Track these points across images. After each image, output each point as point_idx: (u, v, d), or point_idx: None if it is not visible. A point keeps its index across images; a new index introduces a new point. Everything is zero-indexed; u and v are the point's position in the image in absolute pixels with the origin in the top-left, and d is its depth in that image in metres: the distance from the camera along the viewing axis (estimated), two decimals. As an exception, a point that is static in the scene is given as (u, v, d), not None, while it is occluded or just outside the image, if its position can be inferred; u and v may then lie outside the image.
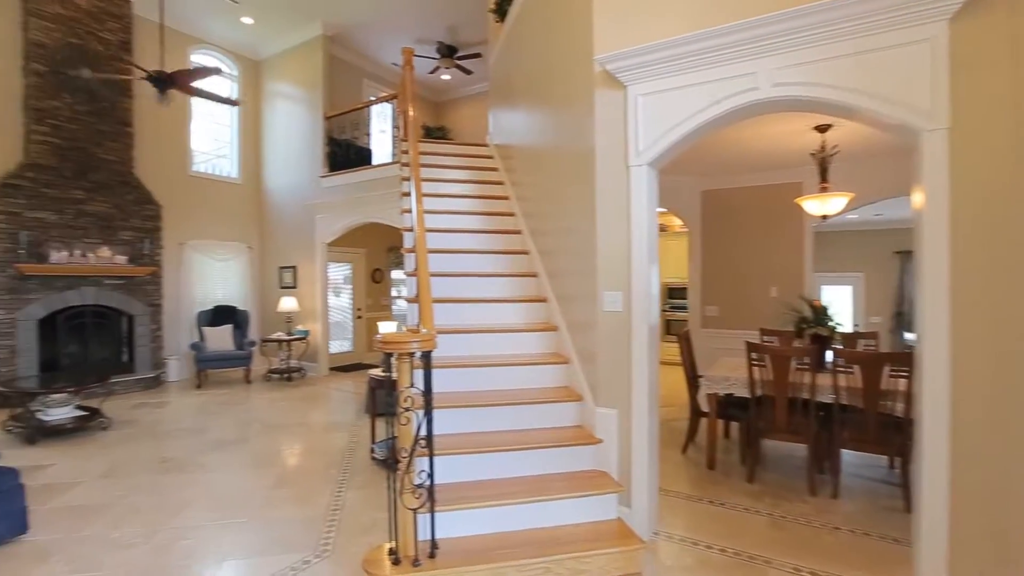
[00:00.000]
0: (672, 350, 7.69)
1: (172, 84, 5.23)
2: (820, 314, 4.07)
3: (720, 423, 4.32)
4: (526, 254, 4.31)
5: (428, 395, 2.26)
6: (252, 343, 7.53)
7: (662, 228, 8.80)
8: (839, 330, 4.11)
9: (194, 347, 7.08)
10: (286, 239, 8.40)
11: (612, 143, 2.93)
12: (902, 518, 3.09)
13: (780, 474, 3.83)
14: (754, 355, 3.65)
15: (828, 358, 4.03)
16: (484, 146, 6.15)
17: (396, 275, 9.92)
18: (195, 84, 5.51)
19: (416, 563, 2.24)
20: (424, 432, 2.25)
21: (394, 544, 2.30)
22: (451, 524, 2.46)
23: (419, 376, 2.27)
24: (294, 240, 8.26)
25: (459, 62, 8.79)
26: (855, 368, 3.44)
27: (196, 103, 7.80)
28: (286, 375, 7.45)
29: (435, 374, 2.37)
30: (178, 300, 7.54)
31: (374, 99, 7.46)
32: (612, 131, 2.93)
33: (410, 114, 4.41)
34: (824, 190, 4.54)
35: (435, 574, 2.23)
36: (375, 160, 8.19)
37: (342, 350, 9.00)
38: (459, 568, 2.26)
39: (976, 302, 2.15)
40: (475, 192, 5.06)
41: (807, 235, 6.24)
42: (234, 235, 8.39)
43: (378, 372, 4.30)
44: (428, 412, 2.25)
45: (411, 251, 3.61)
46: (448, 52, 8.67)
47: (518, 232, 4.54)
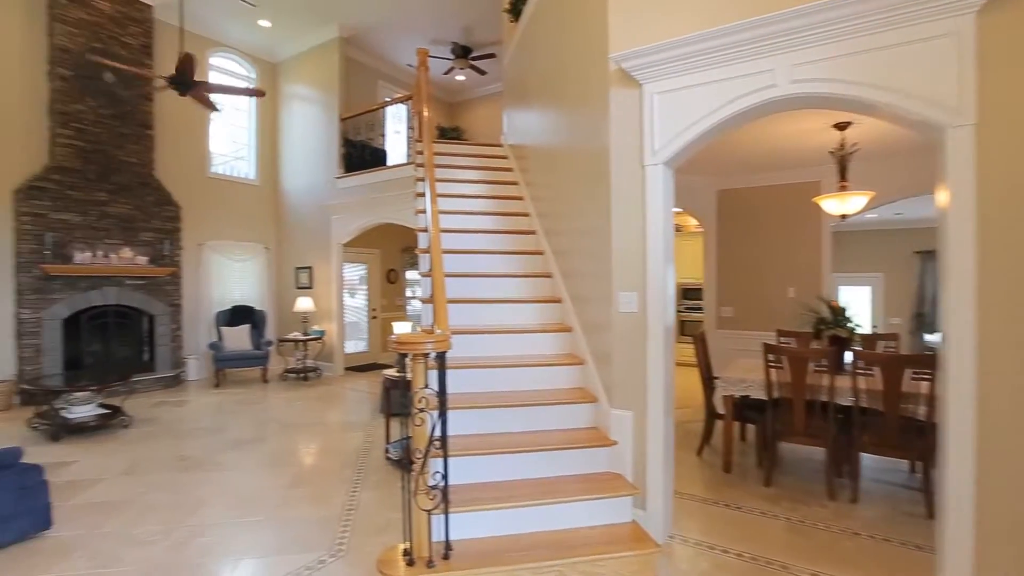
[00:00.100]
0: (686, 351, 7.62)
1: (191, 88, 5.31)
2: (839, 315, 4.01)
3: (736, 425, 4.26)
4: (540, 254, 4.30)
5: (442, 396, 2.26)
6: (269, 343, 7.62)
7: (676, 228, 8.73)
8: (858, 331, 4.04)
9: (212, 347, 7.19)
10: (302, 240, 8.49)
11: (627, 142, 2.91)
12: (924, 524, 3.02)
13: (797, 478, 3.77)
14: (771, 357, 3.60)
15: (847, 360, 3.97)
16: (498, 146, 6.15)
17: (411, 275, 9.97)
18: (214, 84, 5.59)
19: (430, 564, 2.24)
20: (438, 433, 2.25)
21: (408, 545, 2.31)
22: (465, 525, 2.46)
23: (433, 377, 2.27)
24: (310, 241, 8.34)
25: (473, 63, 8.81)
26: (875, 370, 3.37)
27: (219, 106, 7.90)
28: (302, 375, 7.52)
29: (449, 375, 2.38)
30: (197, 300, 7.66)
31: (389, 100, 7.49)
32: (627, 130, 2.91)
33: (425, 115, 4.43)
34: (843, 189, 4.46)
35: None
36: (390, 161, 8.23)
37: (357, 350, 9.06)
38: (473, 570, 2.26)
39: (1003, 303, 2.09)
40: (489, 192, 5.06)
41: (825, 235, 6.15)
42: (252, 236, 8.51)
43: (393, 372, 4.32)
44: (442, 413, 2.25)
45: (426, 251, 3.62)
46: (463, 53, 8.69)
47: (532, 232, 4.53)
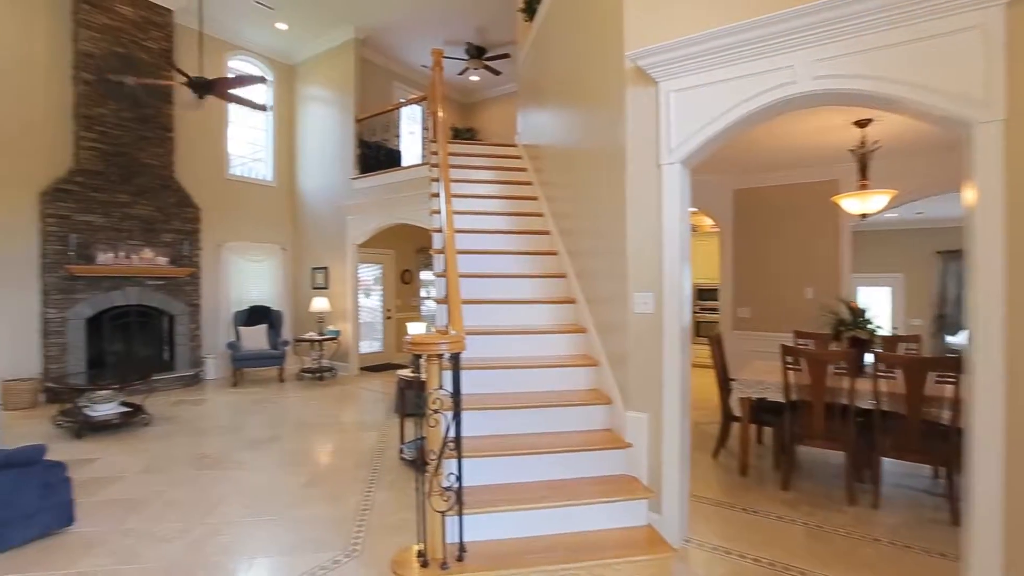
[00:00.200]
0: (702, 352, 7.55)
1: (210, 90, 5.39)
2: (858, 316, 3.93)
3: (752, 428, 4.20)
4: (555, 255, 4.29)
5: (457, 397, 2.26)
6: (285, 343, 7.71)
7: (692, 228, 8.64)
8: (878, 333, 3.96)
9: (230, 346, 7.28)
10: (318, 240, 8.57)
11: (643, 141, 2.88)
12: (948, 531, 2.95)
13: (816, 482, 3.70)
14: (789, 358, 3.55)
15: (867, 362, 3.90)
16: (512, 146, 6.14)
17: (425, 276, 10.01)
18: (232, 90, 5.67)
19: (444, 566, 2.24)
20: (452, 434, 2.25)
21: (422, 546, 2.31)
22: (479, 527, 2.46)
23: (448, 377, 2.27)
24: (326, 241, 8.42)
25: (488, 63, 8.82)
26: (897, 373, 3.30)
27: (233, 109, 8.04)
28: (318, 374, 7.59)
29: (463, 375, 2.37)
30: (215, 300, 7.77)
31: (404, 101, 7.53)
32: (643, 129, 2.89)
33: (439, 115, 4.44)
34: (864, 187, 4.37)
35: (463, 577, 2.23)
36: (404, 162, 8.27)
37: (372, 350, 9.12)
38: (487, 572, 2.25)
39: (1033, 305, 2.03)
40: (504, 192, 5.06)
41: (844, 234, 6.04)
42: (268, 237, 8.61)
43: (407, 373, 4.34)
44: (457, 414, 2.25)
45: (440, 252, 3.63)
46: (477, 53, 8.70)
47: (547, 233, 4.52)
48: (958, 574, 2.37)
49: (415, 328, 4.89)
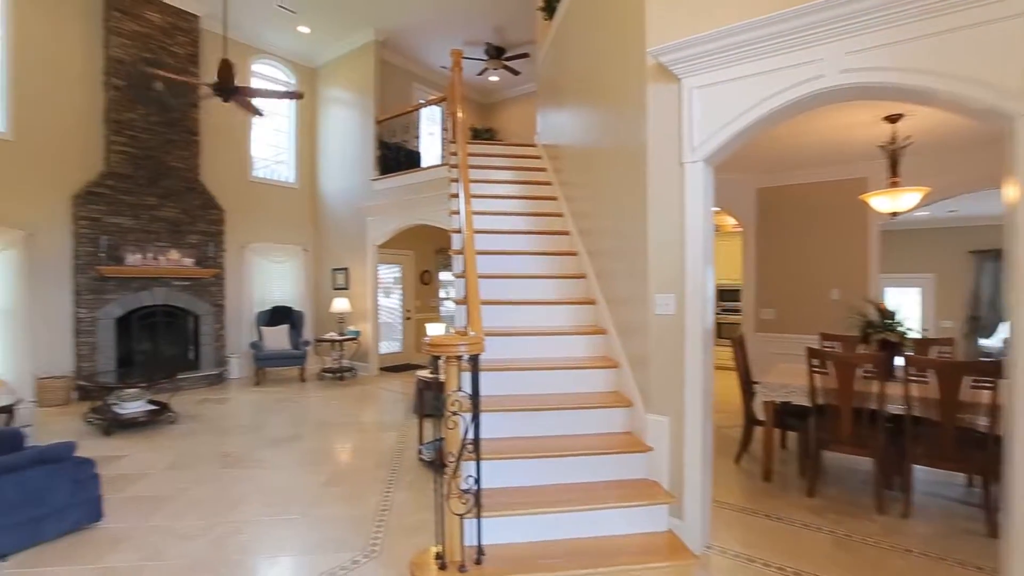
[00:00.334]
0: (722, 354, 7.42)
1: (236, 94, 5.47)
2: (888, 318, 3.81)
3: (776, 432, 4.11)
4: (574, 255, 4.25)
5: (475, 398, 2.25)
6: (307, 343, 7.81)
7: (714, 228, 8.51)
8: (909, 336, 3.83)
9: (253, 346, 7.41)
10: (339, 241, 8.66)
11: (665, 139, 2.84)
12: (983, 543, 2.84)
13: (843, 489, 3.60)
14: (815, 361, 3.46)
15: (897, 365, 3.77)
16: (532, 146, 6.12)
17: (444, 276, 10.04)
18: (255, 88, 5.75)
19: (462, 569, 2.23)
20: (471, 436, 2.23)
21: (440, 548, 2.31)
22: (498, 530, 2.44)
23: (466, 379, 2.26)
24: (346, 242, 8.50)
25: (507, 63, 8.81)
26: (930, 377, 3.18)
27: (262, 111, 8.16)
28: (338, 374, 7.67)
29: (482, 376, 2.36)
30: (239, 300, 7.91)
31: (423, 102, 7.56)
32: (665, 127, 2.84)
33: (458, 116, 4.44)
34: (894, 185, 4.23)
35: (481, 580, 2.22)
36: (424, 162, 8.32)
37: (391, 350, 9.18)
38: None
39: (1077, 309, 1.94)
40: (523, 193, 5.04)
41: (872, 234, 5.87)
42: (290, 238, 8.73)
43: (426, 373, 4.35)
44: (475, 416, 2.24)
45: (459, 253, 3.63)
46: (496, 53, 8.70)
47: (566, 233, 4.48)
48: (996, 588, 2.28)
49: (434, 329, 4.89)
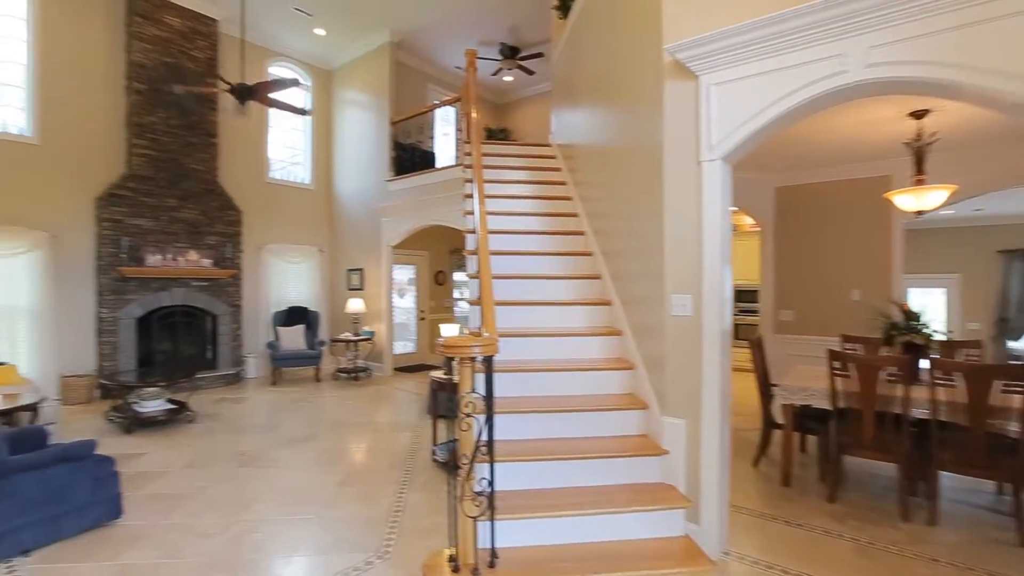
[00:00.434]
0: (740, 356, 7.30)
1: (252, 96, 5.54)
2: (912, 320, 3.71)
3: (795, 436, 4.03)
4: (589, 255, 4.22)
5: (489, 400, 2.23)
6: (322, 343, 7.86)
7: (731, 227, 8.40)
8: (935, 338, 3.72)
9: (270, 346, 7.48)
10: (354, 242, 8.71)
11: (682, 138, 2.79)
12: (1014, 552, 2.75)
13: (865, 495, 3.51)
14: (836, 364, 3.38)
15: (922, 368, 3.67)
16: (546, 146, 6.10)
17: (458, 277, 10.05)
18: (273, 95, 5.81)
19: (475, 572, 2.21)
20: (485, 438, 2.21)
21: (454, 551, 2.29)
22: (511, 533, 2.42)
23: (480, 380, 2.24)
24: (361, 243, 8.55)
25: (521, 63, 8.79)
26: (957, 380, 3.09)
27: (273, 114, 8.26)
28: (353, 374, 7.71)
29: (496, 378, 2.34)
30: (256, 301, 7.99)
31: (438, 103, 7.57)
32: (682, 125, 2.79)
33: (473, 116, 4.43)
34: (920, 183, 4.12)
35: (495, 583, 2.20)
36: (438, 163, 8.33)
37: (405, 351, 9.22)
38: (519, 579, 2.22)
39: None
40: (537, 193, 5.01)
41: (896, 233, 5.74)
42: (306, 239, 8.80)
43: (440, 374, 4.34)
44: (489, 418, 2.22)
45: (473, 253, 3.61)
46: (510, 53, 8.68)
47: (581, 233, 4.45)
48: (1028, 600, 2.19)
49: (448, 330, 4.89)
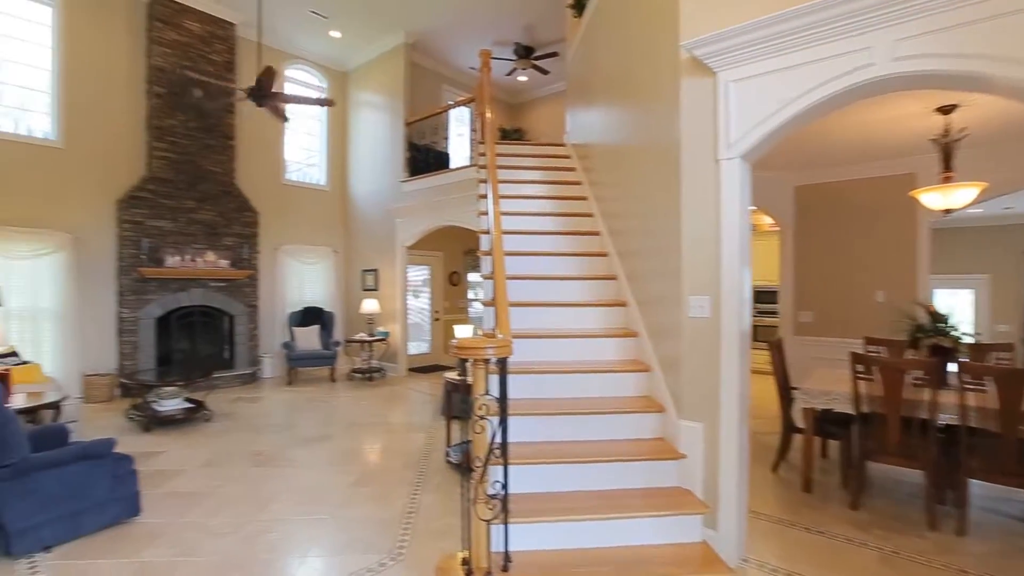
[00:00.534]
0: (759, 358, 7.18)
1: (269, 100, 5.60)
2: (940, 321, 3.60)
3: (816, 440, 3.93)
4: (604, 256, 4.17)
5: (503, 402, 2.20)
6: (337, 343, 7.90)
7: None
8: (964, 341, 3.60)
9: (285, 346, 7.54)
10: (368, 243, 8.75)
11: (699, 136, 2.74)
12: (1051, 564, 2.64)
13: (890, 502, 3.41)
14: (859, 367, 3.29)
15: (950, 372, 3.56)
16: (561, 146, 6.05)
17: (473, 278, 10.04)
18: (288, 94, 5.87)
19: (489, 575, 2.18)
20: (498, 440, 2.18)
21: (467, 554, 2.26)
22: (525, 536, 2.39)
23: (494, 382, 2.21)
24: (376, 244, 8.58)
25: (536, 62, 8.75)
26: (987, 385, 2.98)
27: (289, 116, 8.33)
28: (367, 375, 7.73)
29: (510, 379, 2.31)
30: (272, 301, 8.07)
31: (452, 103, 7.56)
32: (699, 123, 2.74)
33: (487, 116, 4.40)
34: (947, 180, 4.00)
35: (508, 588, 2.17)
36: (453, 164, 8.33)
37: (420, 351, 9.23)
38: (533, 584, 2.18)
39: None
40: (552, 193, 4.97)
41: (921, 233, 5.59)
42: (322, 239, 8.87)
43: (454, 375, 4.33)
44: (503, 420, 2.19)
45: (488, 254, 3.58)
46: (525, 53, 8.65)
47: (596, 233, 4.40)
48: (1066, 616, 2.10)
49: (462, 331, 4.87)
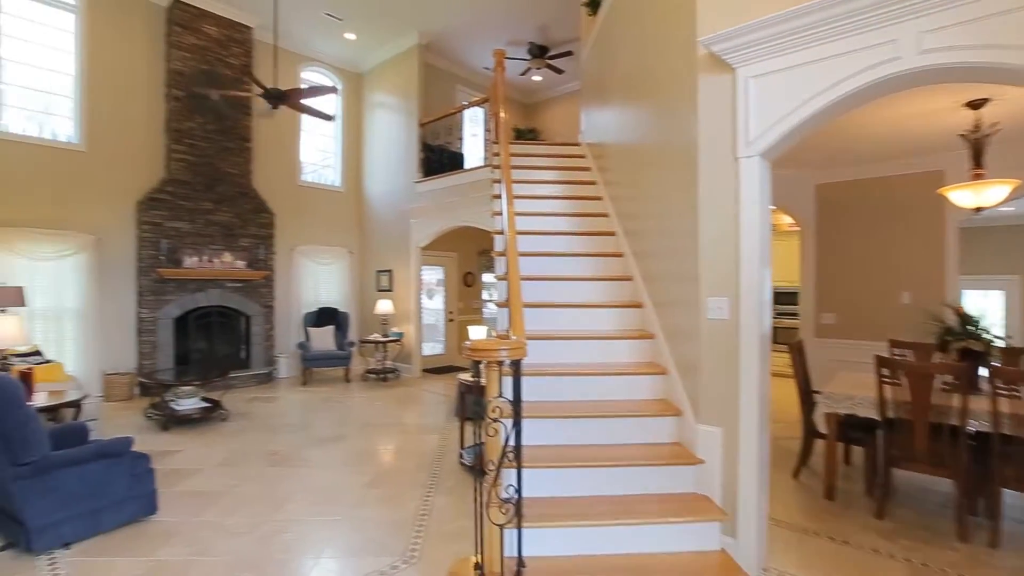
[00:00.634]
0: (779, 360, 7.03)
1: (284, 100, 5.63)
2: (970, 324, 3.47)
3: (839, 446, 3.82)
4: (620, 256, 4.10)
5: (517, 405, 2.15)
6: (351, 344, 7.93)
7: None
8: (996, 344, 3.47)
9: (300, 346, 7.59)
10: (383, 243, 8.78)
11: (717, 133, 2.67)
12: (1090, 579, 2.52)
13: (917, 512, 3.30)
14: (885, 371, 3.18)
15: (981, 377, 3.43)
16: (576, 145, 6.00)
17: (487, 278, 10.02)
18: (304, 100, 5.89)
19: (502, 581, 2.14)
20: (512, 443, 2.14)
21: (479, 558, 2.23)
22: (539, 541, 2.34)
23: (508, 384, 2.17)
24: (390, 244, 8.60)
25: (550, 62, 8.71)
26: (1022, 391, 2.86)
27: (305, 118, 8.40)
28: (382, 375, 7.75)
29: (524, 381, 2.26)
30: (287, 302, 8.13)
31: (466, 104, 7.55)
32: (717, 120, 2.67)
33: (501, 116, 4.37)
34: (978, 177, 3.86)
35: (522, 594, 2.13)
36: (467, 164, 8.32)
37: (434, 352, 9.23)
38: (547, 591, 2.14)
39: None
40: (567, 193, 4.93)
41: (950, 232, 5.42)
42: (337, 240, 8.92)
43: (467, 377, 4.30)
44: (517, 423, 2.15)
45: (502, 254, 3.55)
46: (539, 52, 8.61)
47: (612, 234, 4.34)
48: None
49: (476, 332, 4.85)
